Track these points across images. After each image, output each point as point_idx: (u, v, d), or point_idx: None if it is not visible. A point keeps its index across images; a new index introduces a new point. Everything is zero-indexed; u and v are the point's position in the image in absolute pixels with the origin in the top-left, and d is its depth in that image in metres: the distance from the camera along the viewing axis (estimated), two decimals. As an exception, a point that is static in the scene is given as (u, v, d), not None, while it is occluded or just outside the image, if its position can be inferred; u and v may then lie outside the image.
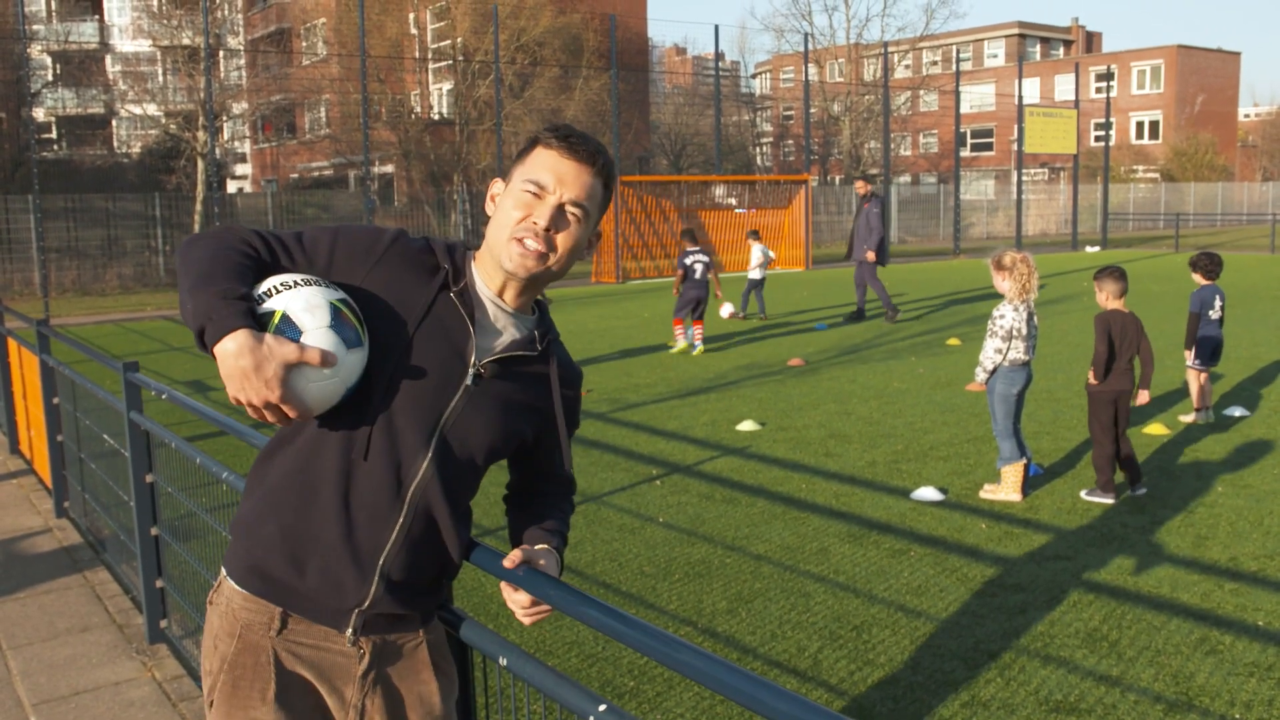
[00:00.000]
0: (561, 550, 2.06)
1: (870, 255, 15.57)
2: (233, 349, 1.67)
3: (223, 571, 2.02)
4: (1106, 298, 6.78)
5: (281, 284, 1.78)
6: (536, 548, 2.01)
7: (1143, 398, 6.73)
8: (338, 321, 1.77)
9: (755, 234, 17.25)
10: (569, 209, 1.90)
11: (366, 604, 1.92)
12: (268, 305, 1.75)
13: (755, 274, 16.47)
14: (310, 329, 1.74)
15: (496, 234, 1.92)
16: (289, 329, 1.73)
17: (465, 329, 1.90)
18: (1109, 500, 6.55)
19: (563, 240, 1.91)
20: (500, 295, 1.96)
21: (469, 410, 1.91)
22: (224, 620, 1.97)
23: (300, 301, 1.76)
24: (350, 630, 1.94)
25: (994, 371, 6.67)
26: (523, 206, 1.90)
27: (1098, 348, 6.66)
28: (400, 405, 1.87)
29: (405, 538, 1.91)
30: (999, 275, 6.70)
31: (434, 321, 1.89)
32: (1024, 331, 6.59)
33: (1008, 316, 6.60)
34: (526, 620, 1.94)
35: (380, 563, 1.90)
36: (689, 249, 13.78)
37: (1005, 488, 6.65)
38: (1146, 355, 6.71)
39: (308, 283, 1.80)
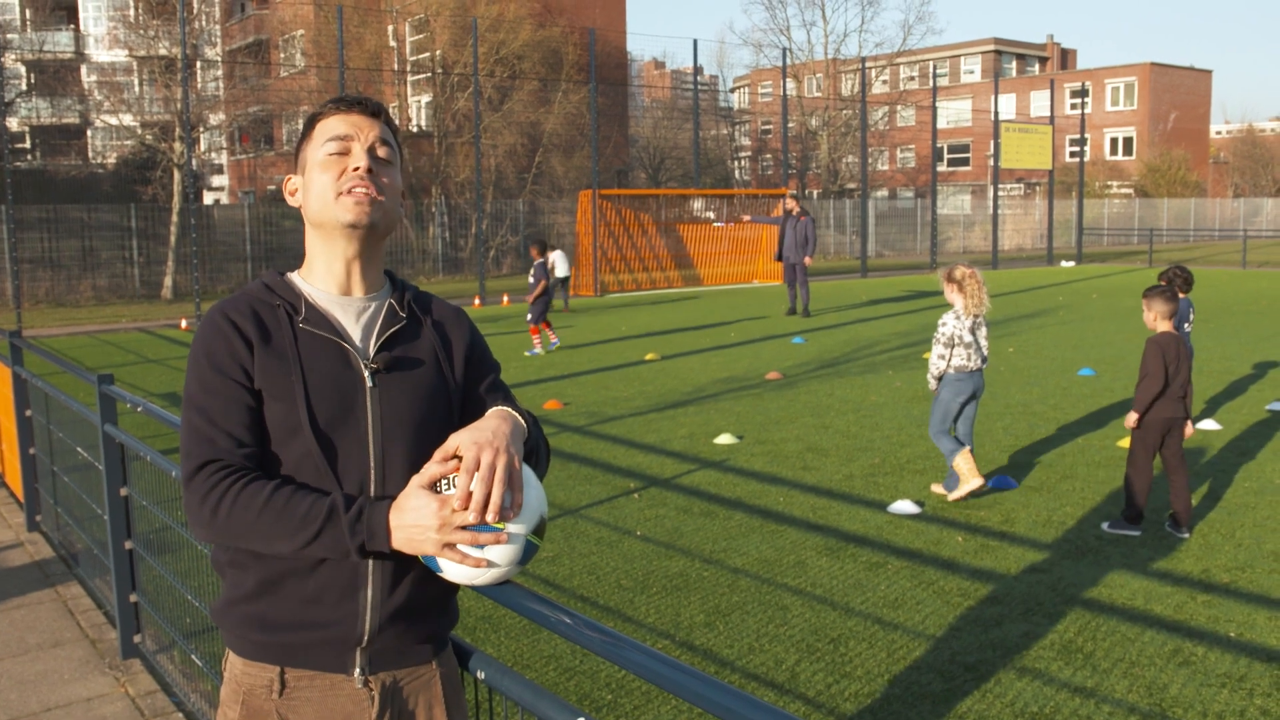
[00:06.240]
0: (526, 418, 1.92)
1: (808, 261, 19.29)
2: (406, 511, 1.71)
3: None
4: (1155, 319, 6.22)
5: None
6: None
7: (1189, 430, 6.25)
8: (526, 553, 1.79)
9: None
10: (378, 149, 1.90)
11: (365, 639, 1.85)
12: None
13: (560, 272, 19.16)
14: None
15: (321, 203, 1.88)
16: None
17: (335, 345, 1.87)
18: (1136, 533, 6.16)
19: (386, 179, 1.90)
20: (347, 290, 1.92)
21: (387, 402, 1.86)
22: (228, 687, 1.93)
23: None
24: (357, 670, 1.87)
25: (941, 378, 6.94)
26: (335, 165, 1.88)
27: (1151, 376, 6.09)
28: (336, 440, 1.82)
29: (382, 561, 1.84)
30: (949, 287, 7.01)
31: (309, 358, 1.84)
32: (966, 339, 6.84)
33: (949, 324, 6.90)
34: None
35: (369, 592, 1.84)
36: (541, 258, 14.24)
37: (964, 478, 6.74)
38: (1188, 382, 6.24)
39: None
